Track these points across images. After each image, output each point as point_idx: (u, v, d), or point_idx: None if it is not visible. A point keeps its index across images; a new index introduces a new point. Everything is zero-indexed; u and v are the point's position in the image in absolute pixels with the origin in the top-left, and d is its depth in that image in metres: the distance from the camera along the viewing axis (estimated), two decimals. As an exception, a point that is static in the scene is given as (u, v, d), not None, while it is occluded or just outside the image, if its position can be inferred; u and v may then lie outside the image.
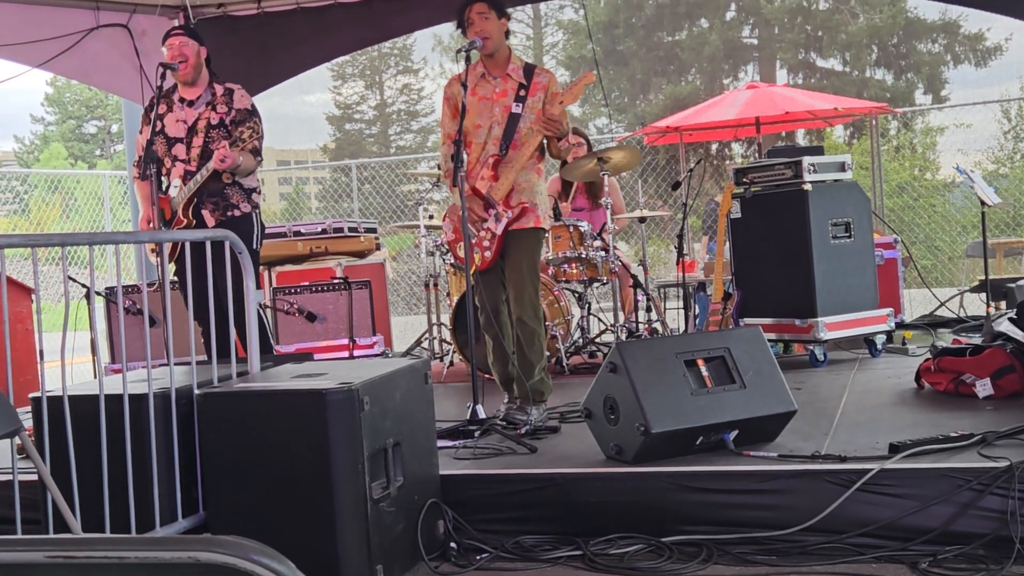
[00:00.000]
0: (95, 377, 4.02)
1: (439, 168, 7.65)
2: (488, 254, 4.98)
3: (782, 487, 3.61)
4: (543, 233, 5.14)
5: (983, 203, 7.34)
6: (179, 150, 5.39)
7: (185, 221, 5.33)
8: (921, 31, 23.66)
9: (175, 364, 3.87)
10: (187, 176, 5.34)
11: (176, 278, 5.25)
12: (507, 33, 5.09)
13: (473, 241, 4.98)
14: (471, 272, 4.94)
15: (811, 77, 24.88)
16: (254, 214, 5.49)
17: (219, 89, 5.44)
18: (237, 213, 5.40)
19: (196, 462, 3.60)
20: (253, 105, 5.48)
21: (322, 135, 30.57)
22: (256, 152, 5.37)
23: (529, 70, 5.02)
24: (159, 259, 4.83)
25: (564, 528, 3.78)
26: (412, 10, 7.91)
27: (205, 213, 5.36)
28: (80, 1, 7.68)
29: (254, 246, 5.46)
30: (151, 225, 5.27)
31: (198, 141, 5.33)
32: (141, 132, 5.46)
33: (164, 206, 5.37)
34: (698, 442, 3.98)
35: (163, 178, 5.46)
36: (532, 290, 4.95)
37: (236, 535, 1.22)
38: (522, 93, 4.97)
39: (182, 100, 5.44)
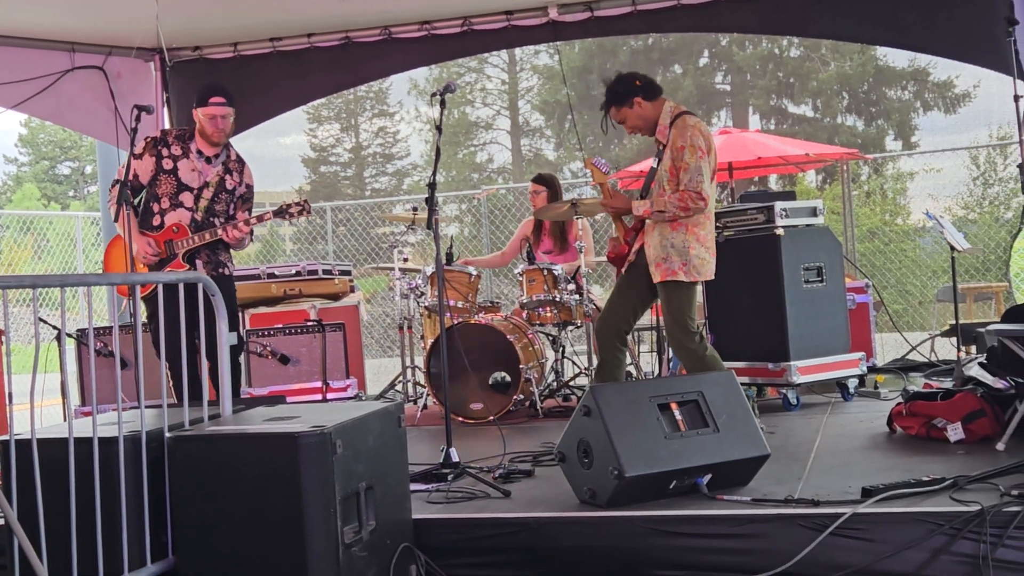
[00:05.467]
0: (64, 420, 3.98)
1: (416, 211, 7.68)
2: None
3: (755, 531, 3.61)
4: (675, 286, 5.39)
5: (953, 248, 7.42)
6: (186, 197, 5.62)
7: (184, 267, 5.59)
8: (891, 78, 23.99)
9: (146, 407, 3.83)
10: (192, 224, 5.60)
11: (147, 320, 5.33)
12: (640, 103, 5.49)
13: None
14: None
15: (783, 123, 25.15)
16: (233, 274, 5.89)
17: (232, 153, 5.78)
18: (226, 272, 5.77)
19: (166, 506, 3.57)
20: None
21: (297, 177, 30.51)
22: (252, 234, 5.79)
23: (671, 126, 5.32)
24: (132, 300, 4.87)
25: (538, 572, 3.76)
26: (387, 55, 7.97)
27: (199, 263, 5.66)
28: (55, 43, 7.69)
29: (236, 304, 5.91)
30: (151, 254, 5.52)
31: (208, 194, 5.64)
32: (141, 158, 5.61)
33: (158, 240, 5.57)
34: (672, 486, 3.98)
35: (154, 214, 5.61)
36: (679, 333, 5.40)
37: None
38: (660, 148, 5.37)
39: (200, 153, 5.65)
